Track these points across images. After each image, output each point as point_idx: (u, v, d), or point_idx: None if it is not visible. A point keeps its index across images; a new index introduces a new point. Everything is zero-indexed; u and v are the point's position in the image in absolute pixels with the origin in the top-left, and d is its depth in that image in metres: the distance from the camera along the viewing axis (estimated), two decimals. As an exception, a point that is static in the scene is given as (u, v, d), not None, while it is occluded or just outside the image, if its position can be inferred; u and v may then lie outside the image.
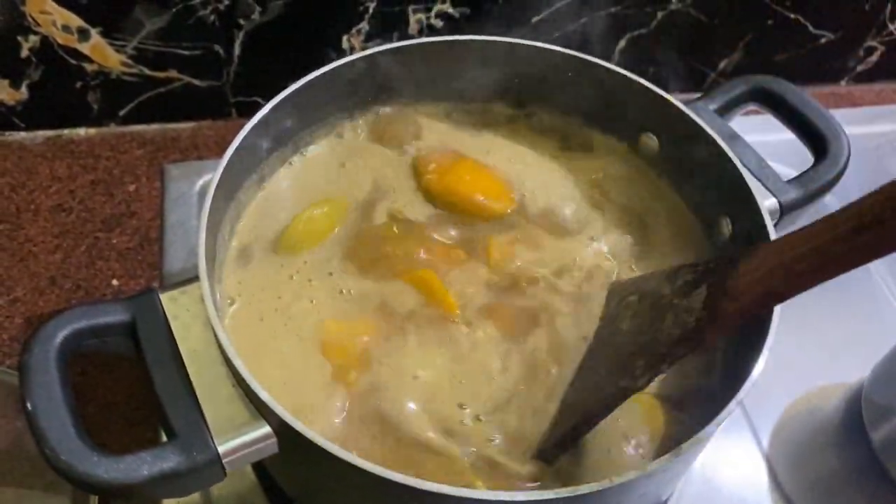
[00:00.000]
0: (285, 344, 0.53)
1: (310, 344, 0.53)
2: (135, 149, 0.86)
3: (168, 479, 0.43)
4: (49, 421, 0.42)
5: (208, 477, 0.44)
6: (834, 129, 0.60)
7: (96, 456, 0.41)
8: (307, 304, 0.55)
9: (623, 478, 0.42)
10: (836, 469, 0.65)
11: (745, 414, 0.67)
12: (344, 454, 0.41)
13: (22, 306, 0.73)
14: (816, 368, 0.70)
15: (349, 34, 0.84)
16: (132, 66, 0.82)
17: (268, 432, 0.45)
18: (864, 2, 0.92)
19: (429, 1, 0.83)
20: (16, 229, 0.79)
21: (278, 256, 0.58)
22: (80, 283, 0.75)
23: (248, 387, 0.43)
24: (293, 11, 0.80)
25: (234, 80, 0.86)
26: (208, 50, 0.82)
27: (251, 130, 0.56)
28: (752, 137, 0.60)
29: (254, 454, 0.45)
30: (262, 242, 0.59)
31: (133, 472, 0.42)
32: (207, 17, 0.79)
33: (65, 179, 0.83)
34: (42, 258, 0.77)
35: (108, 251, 0.78)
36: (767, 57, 0.96)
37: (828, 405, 0.68)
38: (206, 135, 0.88)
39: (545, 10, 0.86)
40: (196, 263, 0.48)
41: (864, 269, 0.75)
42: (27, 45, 0.78)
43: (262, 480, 0.59)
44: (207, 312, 0.45)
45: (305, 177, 0.63)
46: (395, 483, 0.40)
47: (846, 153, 0.59)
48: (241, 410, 0.45)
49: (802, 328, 0.59)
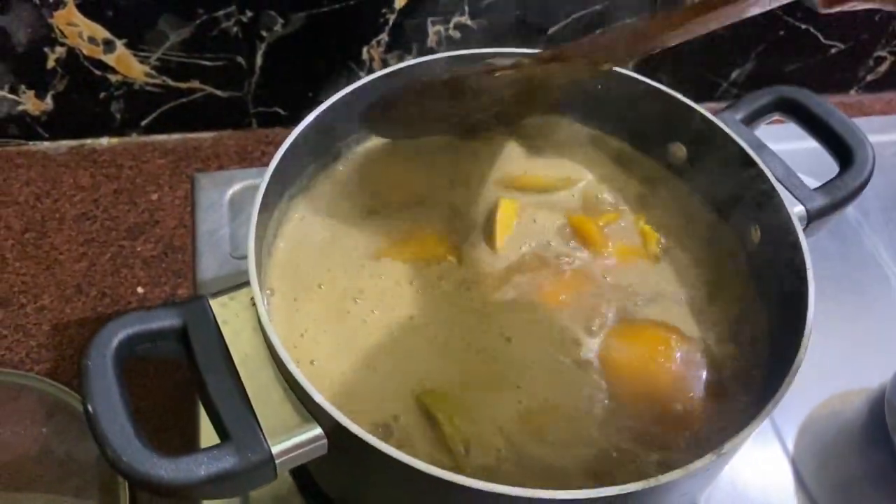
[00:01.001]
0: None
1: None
2: (157, 158, 0.87)
3: (223, 479, 0.43)
4: (109, 423, 0.43)
5: (261, 477, 0.45)
6: (858, 139, 0.61)
7: (156, 457, 0.42)
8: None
9: (667, 477, 0.43)
10: (861, 472, 0.66)
11: (770, 418, 0.68)
12: (399, 454, 0.42)
13: (49, 314, 0.74)
14: (839, 374, 0.71)
15: (369, 46, 0.85)
16: (155, 77, 0.83)
17: (319, 434, 0.46)
18: (873, 12, 0.94)
19: (447, 13, 0.84)
20: (41, 238, 0.79)
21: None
22: (105, 290, 0.76)
23: (301, 389, 0.44)
24: (314, 24, 0.82)
25: (256, 91, 0.87)
26: (230, 61, 0.83)
27: (302, 132, 0.57)
28: (772, 147, 0.62)
29: (305, 455, 0.46)
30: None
31: (191, 473, 0.42)
32: (230, 29, 0.80)
33: (88, 188, 0.84)
34: (68, 266, 0.78)
35: (133, 259, 0.78)
36: (778, 67, 0.97)
37: (851, 409, 0.69)
38: (226, 144, 0.89)
39: (560, 22, 0.87)
40: (240, 267, 0.49)
41: (882, 276, 0.78)
42: (53, 56, 0.79)
43: (297, 480, 0.60)
44: (259, 317, 0.46)
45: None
46: (450, 483, 0.41)
47: (871, 162, 0.61)
48: (293, 413, 0.46)
49: (824, 335, 0.60)
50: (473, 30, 0.86)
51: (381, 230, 0.61)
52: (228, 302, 0.49)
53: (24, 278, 0.76)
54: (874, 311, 0.76)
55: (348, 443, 0.44)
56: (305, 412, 0.46)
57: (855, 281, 0.78)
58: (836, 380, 0.71)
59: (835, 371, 0.71)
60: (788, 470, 0.66)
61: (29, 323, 0.73)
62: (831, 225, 0.63)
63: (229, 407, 0.45)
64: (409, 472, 0.42)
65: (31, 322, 0.73)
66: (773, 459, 0.67)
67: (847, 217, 0.82)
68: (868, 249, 0.81)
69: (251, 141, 0.90)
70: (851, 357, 0.73)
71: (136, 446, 0.42)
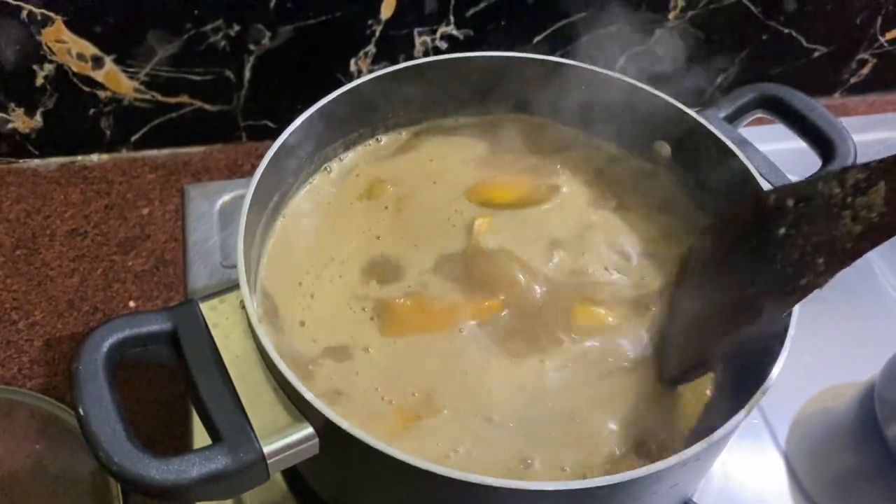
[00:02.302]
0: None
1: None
2: (147, 173, 0.87)
3: (216, 480, 0.44)
4: (101, 426, 0.43)
5: (253, 478, 0.45)
6: (840, 133, 0.62)
7: (147, 458, 0.43)
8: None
9: (656, 466, 0.43)
10: (853, 465, 0.67)
11: (762, 414, 0.69)
12: (392, 451, 0.42)
13: (41, 329, 0.74)
14: (829, 369, 0.72)
15: (357, 57, 0.86)
16: (144, 93, 0.83)
17: (310, 433, 0.46)
18: (855, 16, 0.95)
19: (434, 23, 0.85)
20: (32, 254, 0.80)
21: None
22: (97, 305, 0.76)
23: (291, 388, 0.45)
24: (302, 37, 0.82)
25: (245, 105, 0.87)
26: (219, 75, 0.84)
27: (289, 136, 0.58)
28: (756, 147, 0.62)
29: (297, 455, 0.46)
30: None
31: (183, 473, 0.43)
32: (218, 44, 0.81)
33: (79, 204, 0.84)
34: (59, 282, 0.78)
35: (124, 273, 0.79)
36: (763, 71, 0.98)
37: (842, 403, 0.70)
38: (216, 158, 0.89)
39: (546, 30, 0.88)
40: (230, 276, 0.49)
41: (869, 271, 0.79)
42: (42, 73, 0.80)
43: (290, 483, 0.61)
44: (249, 318, 0.47)
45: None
46: (443, 478, 0.41)
47: (853, 156, 0.61)
48: (284, 413, 0.46)
49: (812, 330, 0.60)
50: (459, 39, 0.87)
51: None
52: (218, 305, 0.49)
53: (16, 295, 0.76)
54: (862, 305, 0.77)
55: (339, 440, 0.44)
56: (296, 412, 0.46)
57: (842, 277, 0.78)
58: (827, 375, 0.72)
59: (825, 366, 0.72)
60: (781, 464, 0.66)
61: (21, 339, 0.73)
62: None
63: (220, 408, 0.46)
64: (399, 467, 0.42)
65: (23, 338, 0.73)
66: (765, 454, 0.67)
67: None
68: (854, 246, 0.82)
69: (241, 154, 0.90)
70: (841, 352, 0.74)
71: (128, 448, 0.43)
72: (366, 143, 0.68)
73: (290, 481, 0.60)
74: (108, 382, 0.45)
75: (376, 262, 0.60)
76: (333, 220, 0.63)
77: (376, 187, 0.65)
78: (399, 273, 0.59)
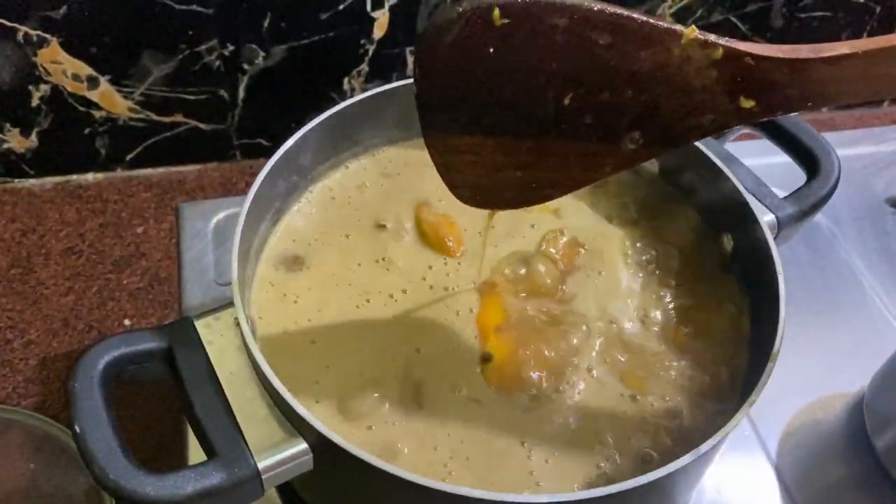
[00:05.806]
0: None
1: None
2: (142, 192, 0.88)
3: (211, 496, 0.44)
4: (96, 443, 0.43)
5: (248, 493, 0.46)
6: (824, 148, 0.63)
7: (143, 475, 0.43)
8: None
9: (647, 478, 0.44)
10: (843, 475, 0.67)
11: (752, 426, 0.69)
12: (385, 465, 0.42)
13: (36, 348, 0.75)
14: (818, 380, 0.73)
15: (350, 76, 0.87)
16: (139, 112, 0.84)
17: (304, 448, 0.46)
18: (840, 32, 0.96)
19: (425, 42, 0.86)
20: (28, 273, 0.80)
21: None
22: (92, 324, 0.77)
23: (285, 404, 0.45)
24: (295, 56, 0.83)
25: (239, 124, 0.88)
26: (213, 94, 0.85)
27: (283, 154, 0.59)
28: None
29: (291, 470, 0.46)
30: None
31: (178, 489, 0.43)
32: (213, 63, 0.82)
33: (74, 223, 0.85)
34: (54, 300, 0.78)
35: (119, 292, 0.79)
36: (750, 87, 0.99)
37: (831, 415, 0.70)
38: (211, 176, 0.90)
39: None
40: (225, 294, 0.50)
41: (857, 282, 0.80)
42: (38, 94, 0.80)
43: (285, 499, 0.61)
44: (243, 336, 0.47)
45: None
46: (436, 492, 0.42)
47: (837, 170, 0.62)
48: (278, 429, 0.47)
49: (800, 342, 0.61)
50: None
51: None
52: (213, 322, 0.50)
53: (11, 314, 0.77)
54: (850, 317, 0.78)
55: (333, 456, 0.44)
56: (290, 427, 0.47)
57: (831, 289, 0.80)
58: (816, 386, 0.72)
59: (814, 378, 0.73)
60: (772, 476, 0.67)
61: (16, 358, 0.74)
62: (802, 234, 0.64)
63: (215, 424, 0.46)
64: (393, 481, 0.43)
65: (17, 357, 0.74)
66: (756, 466, 0.67)
67: (821, 228, 0.84)
68: (842, 258, 0.83)
69: (235, 172, 0.91)
70: (830, 363, 0.75)
71: (124, 464, 0.43)
72: (359, 160, 0.69)
73: (285, 497, 0.61)
74: (103, 400, 0.45)
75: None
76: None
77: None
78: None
